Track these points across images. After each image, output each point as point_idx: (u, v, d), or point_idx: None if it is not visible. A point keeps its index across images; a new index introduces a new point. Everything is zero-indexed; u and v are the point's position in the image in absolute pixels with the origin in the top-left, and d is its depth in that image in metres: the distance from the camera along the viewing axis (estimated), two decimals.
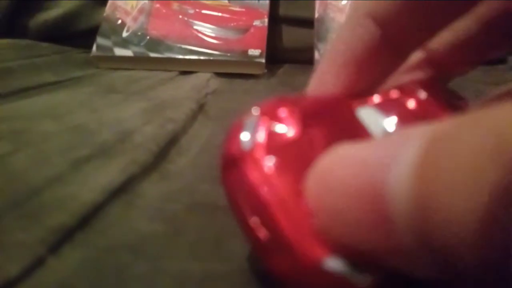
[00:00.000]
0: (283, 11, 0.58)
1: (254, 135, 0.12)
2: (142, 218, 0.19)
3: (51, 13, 0.62)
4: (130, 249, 0.17)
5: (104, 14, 0.58)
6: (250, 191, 0.12)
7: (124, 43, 0.55)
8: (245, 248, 0.17)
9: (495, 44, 0.19)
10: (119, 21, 0.57)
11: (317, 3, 0.56)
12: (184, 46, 0.54)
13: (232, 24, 0.55)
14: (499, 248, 0.07)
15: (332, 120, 0.14)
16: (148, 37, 0.55)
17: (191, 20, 0.56)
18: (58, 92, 0.44)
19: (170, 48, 0.54)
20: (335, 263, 0.11)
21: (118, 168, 0.23)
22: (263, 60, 0.52)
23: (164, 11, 0.57)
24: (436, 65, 0.20)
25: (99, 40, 0.55)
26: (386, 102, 0.16)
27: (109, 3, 0.59)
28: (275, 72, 0.54)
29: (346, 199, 0.09)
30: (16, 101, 0.39)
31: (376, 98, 0.16)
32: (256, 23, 0.55)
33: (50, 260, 0.15)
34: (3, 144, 0.26)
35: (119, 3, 0.58)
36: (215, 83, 0.49)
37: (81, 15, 0.62)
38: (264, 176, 0.12)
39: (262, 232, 0.12)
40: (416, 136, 0.09)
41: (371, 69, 0.16)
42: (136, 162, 0.24)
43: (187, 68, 0.53)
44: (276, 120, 0.12)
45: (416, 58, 0.20)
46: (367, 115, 0.15)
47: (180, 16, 0.56)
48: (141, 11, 0.57)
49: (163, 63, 0.54)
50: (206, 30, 0.55)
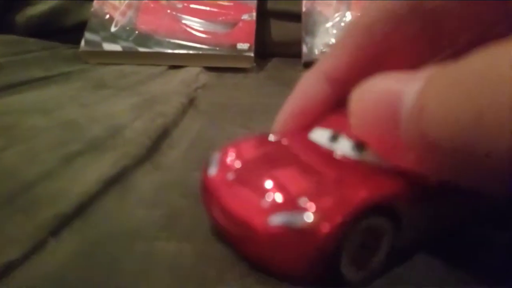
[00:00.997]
0: (271, 5, 0.58)
1: (215, 167, 0.18)
2: (137, 205, 0.19)
3: (38, 8, 0.62)
4: (127, 233, 0.17)
5: (92, 9, 0.57)
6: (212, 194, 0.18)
7: (113, 38, 0.55)
8: None
9: None
10: (107, 16, 0.57)
11: None
12: (173, 41, 0.54)
13: (220, 18, 0.56)
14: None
15: (287, 144, 0.19)
16: (136, 31, 0.55)
17: (179, 14, 0.56)
18: (47, 87, 0.44)
19: (159, 43, 0.54)
20: (277, 217, 0.15)
21: (110, 162, 0.23)
22: (252, 54, 0.52)
23: (152, 5, 0.57)
24: None
25: (88, 35, 0.55)
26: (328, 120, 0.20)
27: None
28: (263, 66, 0.55)
29: (376, 106, 0.14)
30: (5, 96, 0.39)
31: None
32: (245, 17, 0.55)
33: (48, 246, 0.16)
34: None
35: None
36: (204, 77, 0.49)
37: (68, 11, 0.61)
38: (218, 186, 0.17)
39: (223, 219, 0.17)
40: (421, 75, 0.14)
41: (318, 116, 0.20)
42: (128, 155, 0.24)
43: (176, 63, 0.53)
44: (228, 158, 0.19)
45: None
46: (316, 135, 0.19)
47: (169, 11, 0.57)
48: (129, 5, 0.57)
49: (152, 57, 0.54)
50: (194, 24, 0.55)
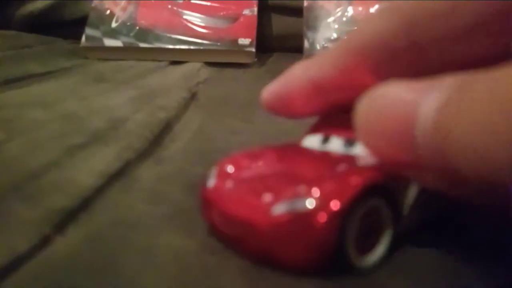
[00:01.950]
0: (272, 0, 0.58)
1: (213, 179, 0.18)
2: (140, 199, 0.19)
3: (37, 3, 0.61)
4: (131, 226, 0.17)
5: (93, 5, 0.57)
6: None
7: (114, 34, 0.54)
8: None
9: None
10: (108, 11, 0.56)
11: None
12: (173, 36, 0.54)
13: (221, 13, 0.55)
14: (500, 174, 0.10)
15: (281, 151, 0.20)
16: (137, 27, 0.55)
17: (180, 9, 0.56)
18: (47, 82, 0.43)
19: (160, 38, 0.54)
20: (279, 206, 0.15)
21: (113, 154, 0.23)
22: (253, 49, 0.52)
23: (153, 1, 0.57)
24: None
25: (88, 30, 0.55)
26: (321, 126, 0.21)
27: None
28: (264, 60, 0.54)
29: (386, 120, 0.13)
30: (5, 91, 0.39)
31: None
32: (246, 12, 0.55)
33: (54, 238, 0.16)
34: None
35: None
36: (206, 72, 0.49)
37: (67, 6, 0.61)
38: (218, 196, 0.18)
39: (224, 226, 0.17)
40: (441, 84, 0.12)
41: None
42: (131, 148, 0.24)
43: (177, 58, 0.53)
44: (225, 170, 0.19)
45: None
46: (308, 142, 0.20)
47: (169, 6, 0.56)
48: (129, 1, 0.57)
49: (153, 53, 0.53)
50: (195, 19, 0.55)
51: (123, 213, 0.18)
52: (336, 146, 0.19)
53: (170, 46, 0.53)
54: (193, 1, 0.56)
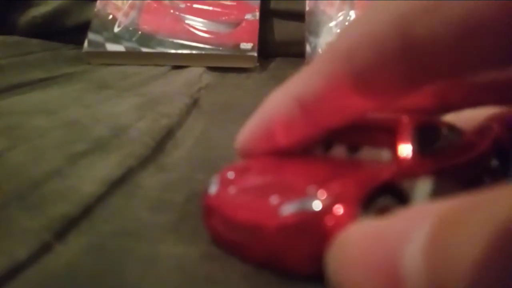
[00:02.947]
0: (274, 4, 0.58)
1: (215, 186, 0.18)
2: (143, 207, 0.19)
3: (40, 9, 0.62)
4: (132, 235, 0.17)
5: (95, 10, 0.57)
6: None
7: (116, 39, 0.55)
8: None
9: None
10: (110, 16, 0.57)
11: None
12: (175, 41, 0.54)
13: (223, 18, 0.55)
14: None
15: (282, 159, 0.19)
16: (139, 32, 0.55)
17: (182, 14, 0.56)
18: (50, 88, 0.44)
19: (162, 43, 0.54)
20: (288, 206, 0.15)
21: (115, 162, 0.23)
22: (255, 54, 0.52)
23: (155, 5, 0.57)
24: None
25: (91, 35, 0.55)
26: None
27: None
28: (266, 66, 0.54)
29: (365, 270, 0.11)
30: (8, 97, 0.39)
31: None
32: (248, 16, 0.55)
33: (55, 246, 0.16)
34: (0, 141, 0.26)
35: None
36: (208, 77, 0.49)
37: (70, 11, 0.61)
38: (221, 202, 0.18)
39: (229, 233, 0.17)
40: (426, 217, 0.10)
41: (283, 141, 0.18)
42: (133, 155, 0.24)
43: (179, 63, 0.53)
44: (227, 177, 0.19)
45: None
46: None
47: (171, 11, 0.56)
48: (132, 6, 0.57)
49: (155, 58, 0.54)
50: (197, 24, 0.55)
51: (125, 221, 0.18)
52: (339, 153, 0.19)
53: (172, 51, 0.53)
54: (195, 6, 0.57)
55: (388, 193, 0.16)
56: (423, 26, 0.13)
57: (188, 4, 0.57)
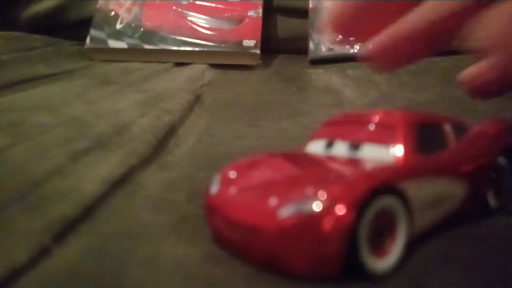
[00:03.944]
0: (277, 1, 0.58)
1: (216, 186, 0.18)
2: (144, 207, 0.19)
3: (43, 5, 0.62)
4: (133, 236, 0.17)
5: (97, 6, 0.57)
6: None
7: (118, 35, 0.54)
8: None
9: None
10: (113, 12, 0.56)
11: None
12: (178, 38, 0.54)
13: (226, 15, 0.55)
14: None
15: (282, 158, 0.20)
16: (142, 28, 0.55)
17: (185, 11, 0.56)
18: (52, 84, 0.44)
19: (164, 40, 0.54)
20: (286, 209, 0.15)
21: (117, 160, 0.23)
22: (258, 51, 0.52)
23: (157, 2, 0.57)
24: None
25: (93, 32, 0.55)
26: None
27: None
28: (269, 62, 0.54)
29: None
30: (11, 93, 0.39)
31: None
32: (251, 13, 0.55)
33: (55, 249, 0.16)
34: (1, 137, 0.26)
35: None
36: (210, 74, 0.49)
37: (72, 7, 0.61)
38: (221, 202, 0.18)
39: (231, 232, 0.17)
40: None
41: None
42: (135, 153, 0.24)
43: (181, 60, 0.53)
44: (228, 176, 0.19)
45: None
46: (312, 147, 0.20)
47: (174, 7, 0.56)
48: (134, 2, 0.57)
49: (158, 54, 0.53)
50: (200, 21, 0.55)
51: (125, 222, 0.18)
52: (341, 150, 0.19)
53: (175, 48, 0.53)
54: (197, 2, 0.56)
55: (388, 193, 0.16)
56: None
57: (191, 1, 0.57)
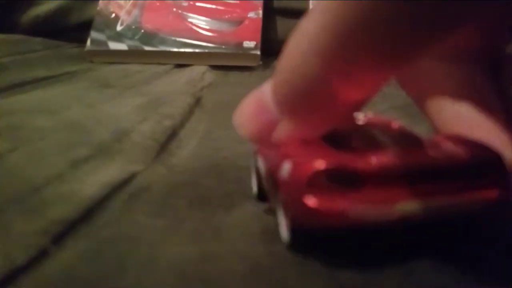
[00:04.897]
0: (277, 2, 0.58)
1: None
2: (143, 212, 0.19)
3: (43, 7, 0.62)
4: (131, 240, 0.17)
5: (98, 8, 0.57)
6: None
7: (119, 37, 0.55)
8: (245, 235, 0.17)
9: None
10: (113, 15, 0.56)
11: None
12: (178, 39, 0.54)
13: (226, 16, 0.55)
14: None
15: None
16: (142, 30, 0.55)
17: (185, 12, 0.56)
18: (52, 87, 0.44)
19: (165, 41, 0.54)
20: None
21: (118, 167, 0.23)
22: (258, 52, 0.52)
23: (157, 4, 0.57)
24: None
25: (93, 34, 0.55)
26: None
27: None
28: (269, 64, 0.54)
29: (250, 107, 0.18)
30: (10, 96, 0.39)
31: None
32: (251, 15, 0.55)
33: (53, 251, 0.16)
34: (1, 142, 0.26)
35: None
36: (210, 76, 0.49)
37: (73, 10, 0.61)
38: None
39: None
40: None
41: None
42: (136, 161, 0.24)
43: (181, 61, 0.53)
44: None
45: None
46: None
47: (174, 9, 0.56)
48: (134, 4, 0.57)
49: (158, 56, 0.53)
50: (200, 22, 0.55)
51: (124, 225, 0.18)
52: None
53: (175, 49, 0.53)
54: (197, 4, 0.56)
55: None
56: None
57: (191, 3, 0.57)
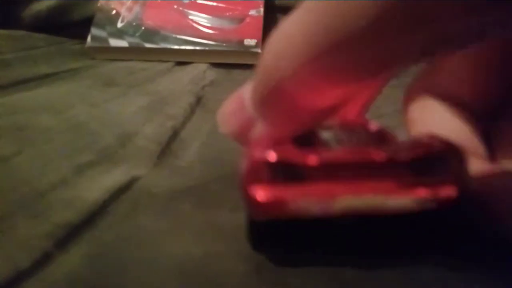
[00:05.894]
0: (278, 0, 0.58)
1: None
2: (147, 215, 0.19)
3: (45, 3, 0.62)
4: (135, 243, 0.17)
5: (98, 4, 0.57)
6: None
7: (119, 34, 0.55)
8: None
9: None
10: (114, 11, 0.57)
11: None
12: (179, 37, 0.54)
13: (227, 14, 0.55)
14: None
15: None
16: (143, 27, 0.55)
17: (186, 10, 0.56)
18: (56, 84, 0.44)
19: (166, 39, 0.54)
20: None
21: (122, 172, 0.23)
22: (260, 50, 0.52)
23: (159, 1, 0.57)
24: None
25: (94, 30, 0.55)
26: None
27: None
28: None
29: (230, 106, 0.19)
30: (14, 93, 0.39)
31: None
32: (252, 12, 0.55)
33: (57, 254, 0.16)
34: (6, 144, 0.27)
35: None
36: (212, 74, 0.49)
37: (75, 5, 0.61)
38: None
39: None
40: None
41: None
42: (140, 166, 0.25)
43: (183, 59, 0.53)
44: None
45: None
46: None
47: (175, 6, 0.56)
48: (135, 1, 0.57)
49: (159, 53, 0.54)
50: (201, 20, 0.55)
51: (128, 230, 0.18)
52: None
53: (176, 47, 0.53)
54: (199, 1, 0.56)
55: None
56: None
57: (192, 0, 0.57)
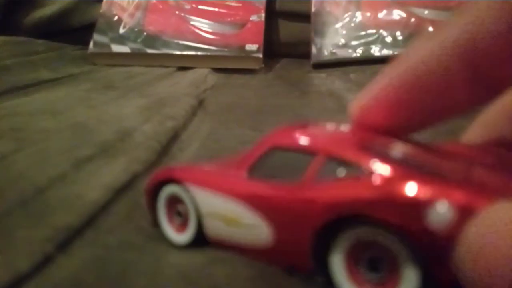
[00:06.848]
0: (279, 5, 0.58)
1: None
2: (147, 217, 0.19)
3: (47, 9, 0.62)
4: (137, 246, 0.17)
5: (101, 11, 0.58)
6: None
7: (121, 40, 0.55)
8: None
9: None
10: (116, 17, 0.57)
11: None
12: (181, 42, 0.54)
13: (229, 19, 0.55)
14: None
15: None
16: (145, 33, 0.55)
17: (187, 15, 0.56)
18: (56, 89, 0.44)
19: (167, 44, 0.54)
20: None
21: (121, 167, 0.23)
22: (261, 55, 0.52)
23: (160, 6, 0.57)
24: None
25: (96, 36, 0.55)
26: None
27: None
28: (272, 66, 0.54)
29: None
30: (14, 98, 0.39)
31: None
32: (253, 18, 0.55)
33: (58, 258, 0.16)
34: (5, 143, 0.26)
35: None
36: (213, 78, 0.49)
37: (76, 12, 0.62)
38: None
39: None
40: None
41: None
42: (138, 160, 0.24)
43: (184, 64, 0.53)
44: None
45: None
46: None
47: (177, 12, 0.56)
48: (137, 7, 0.57)
49: (161, 59, 0.54)
50: (203, 25, 0.55)
51: (129, 231, 0.18)
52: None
53: (178, 52, 0.53)
54: (200, 7, 0.57)
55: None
56: None
57: (194, 5, 0.57)
